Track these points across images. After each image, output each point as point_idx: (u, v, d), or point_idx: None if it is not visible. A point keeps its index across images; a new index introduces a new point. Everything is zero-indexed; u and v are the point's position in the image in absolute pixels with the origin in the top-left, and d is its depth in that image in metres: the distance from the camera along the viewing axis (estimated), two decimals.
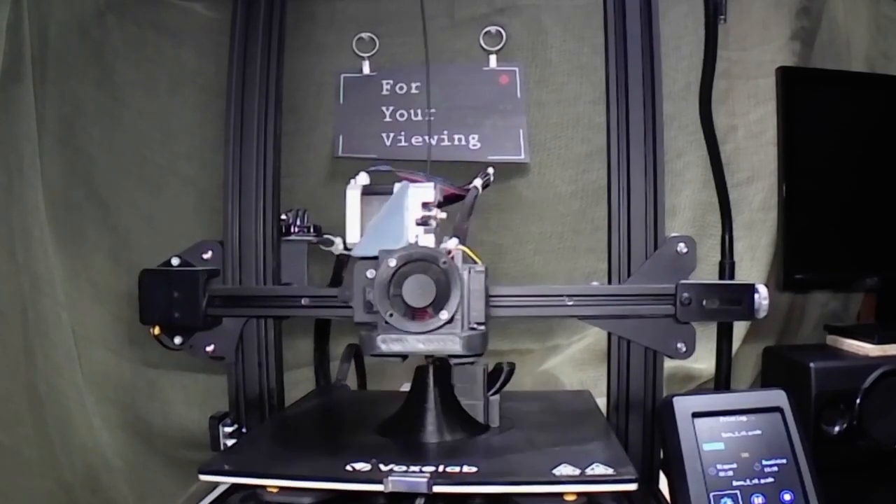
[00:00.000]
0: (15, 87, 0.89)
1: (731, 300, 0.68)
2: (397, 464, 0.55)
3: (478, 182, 0.70)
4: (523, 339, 1.03)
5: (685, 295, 0.67)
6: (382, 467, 0.54)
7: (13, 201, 0.91)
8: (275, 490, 0.55)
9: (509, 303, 0.67)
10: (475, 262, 0.62)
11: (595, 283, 0.71)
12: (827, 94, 0.99)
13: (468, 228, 0.64)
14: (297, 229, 0.76)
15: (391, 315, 0.59)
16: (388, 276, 0.59)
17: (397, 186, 0.65)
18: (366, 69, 0.81)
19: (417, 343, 0.59)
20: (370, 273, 0.61)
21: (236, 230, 0.74)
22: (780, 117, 0.97)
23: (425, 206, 0.64)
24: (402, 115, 0.80)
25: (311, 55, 0.99)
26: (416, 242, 0.62)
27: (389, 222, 0.64)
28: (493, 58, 0.79)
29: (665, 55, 0.74)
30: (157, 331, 0.72)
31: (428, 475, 0.52)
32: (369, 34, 0.80)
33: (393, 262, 0.59)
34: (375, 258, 0.61)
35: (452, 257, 0.60)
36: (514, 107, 0.79)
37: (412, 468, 0.54)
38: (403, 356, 0.61)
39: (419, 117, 0.80)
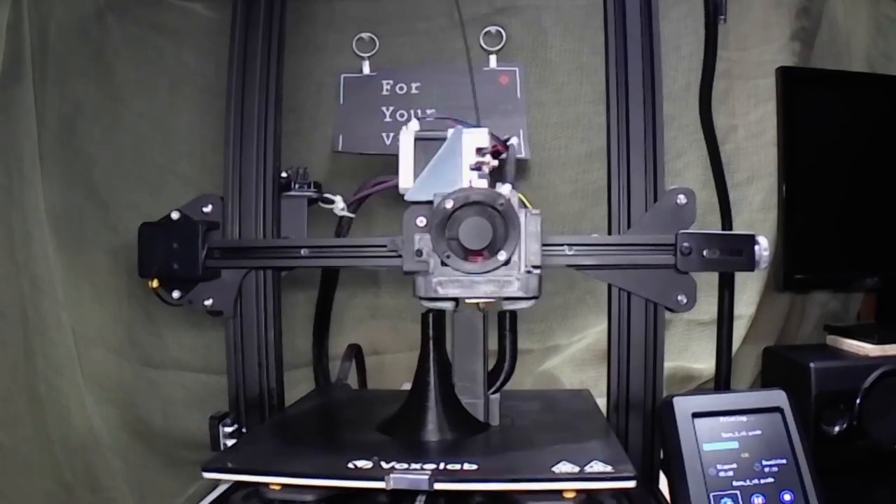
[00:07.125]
0: (15, 87, 0.89)
1: (731, 250, 0.66)
2: (399, 461, 0.55)
3: (514, 140, 0.70)
4: (523, 339, 1.02)
5: (685, 244, 0.66)
6: (384, 465, 0.54)
7: (13, 202, 0.91)
8: (277, 487, 0.55)
9: None
10: (527, 207, 0.62)
11: (595, 235, 0.70)
12: (827, 94, 0.99)
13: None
14: (297, 185, 0.76)
15: (448, 256, 0.58)
16: (444, 218, 0.59)
17: (450, 132, 0.65)
18: (366, 69, 0.81)
19: (475, 285, 0.59)
20: (420, 220, 0.61)
21: (237, 184, 0.74)
22: (780, 117, 0.97)
23: (479, 151, 0.63)
24: (402, 115, 0.80)
25: (311, 55, 0.99)
26: (471, 186, 0.62)
27: (444, 166, 0.63)
28: (493, 58, 0.79)
29: (665, 55, 0.74)
30: (155, 284, 0.72)
31: (429, 472, 0.53)
32: (369, 34, 0.80)
33: (450, 204, 0.59)
34: (428, 203, 0.60)
35: (508, 200, 0.60)
36: (514, 107, 0.79)
37: (413, 466, 0.54)
38: (456, 301, 0.61)
39: (419, 117, 0.80)
